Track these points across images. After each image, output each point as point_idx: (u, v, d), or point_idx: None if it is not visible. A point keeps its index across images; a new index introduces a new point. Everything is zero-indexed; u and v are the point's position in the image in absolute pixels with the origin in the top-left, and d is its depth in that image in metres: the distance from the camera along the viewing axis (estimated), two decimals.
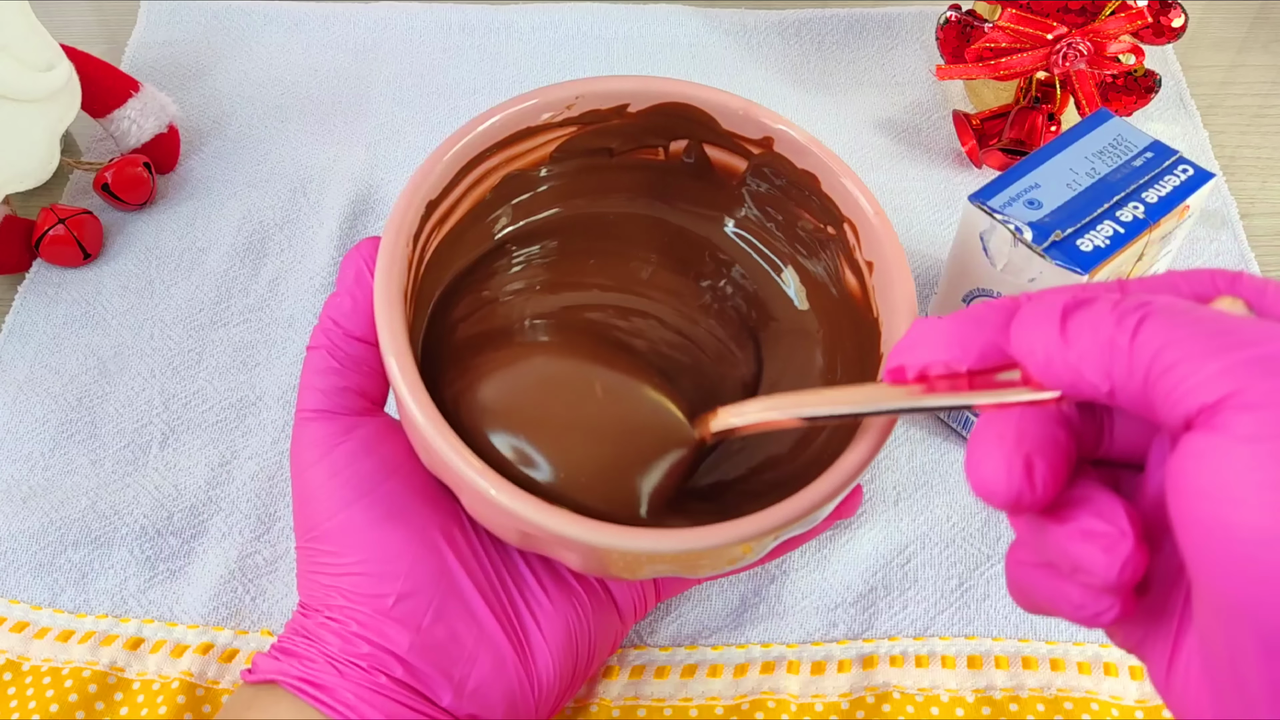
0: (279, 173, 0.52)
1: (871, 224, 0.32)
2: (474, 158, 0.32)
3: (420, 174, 0.31)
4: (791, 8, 0.60)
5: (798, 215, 0.35)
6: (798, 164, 0.33)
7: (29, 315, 0.46)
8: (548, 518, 0.26)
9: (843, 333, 0.34)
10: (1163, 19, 0.46)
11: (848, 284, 0.34)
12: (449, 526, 0.31)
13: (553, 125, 0.34)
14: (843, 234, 0.33)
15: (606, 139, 0.35)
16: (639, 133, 0.35)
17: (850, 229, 0.33)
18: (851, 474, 0.27)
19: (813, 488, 0.27)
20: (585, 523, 0.26)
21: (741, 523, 0.26)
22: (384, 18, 0.59)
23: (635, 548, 0.26)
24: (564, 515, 0.26)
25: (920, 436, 0.43)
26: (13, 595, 0.39)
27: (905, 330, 0.27)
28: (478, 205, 0.34)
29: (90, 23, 0.60)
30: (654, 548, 0.26)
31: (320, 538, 0.30)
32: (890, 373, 0.24)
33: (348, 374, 0.31)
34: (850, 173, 0.32)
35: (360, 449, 0.31)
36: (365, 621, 0.29)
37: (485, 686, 0.30)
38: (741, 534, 0.26)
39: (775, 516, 0.27)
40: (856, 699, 0.36)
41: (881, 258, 0.32)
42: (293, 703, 0.29)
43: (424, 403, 0.27)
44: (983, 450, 0.21)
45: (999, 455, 0.20)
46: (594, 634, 0.32)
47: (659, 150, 0.36)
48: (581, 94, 0.33)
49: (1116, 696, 0.36)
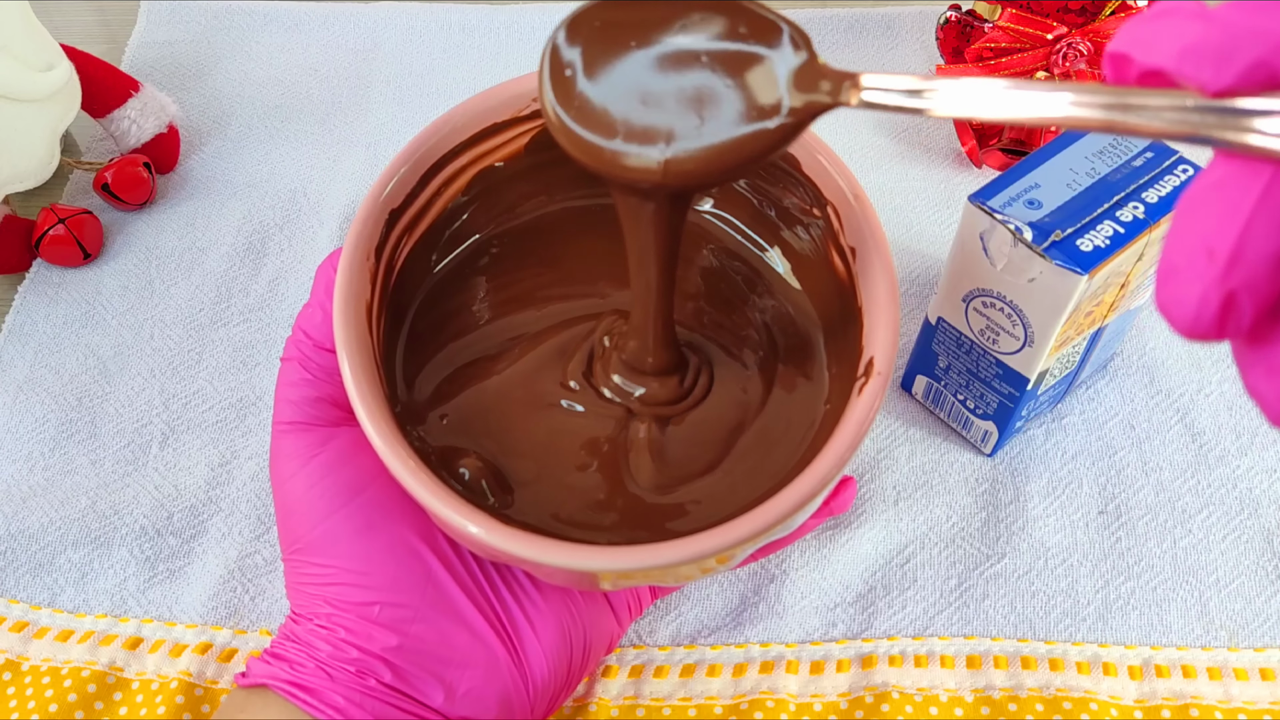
0: (279, 172, 0.52)
1: (852, 208, 0.31)
2: (438, 160, 0.32)
3: (379, 184, 0.30)
4: (791, 8, 0.60)
5: (780, 196, 0.34)
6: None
7: (29, 315, 0.46)
8: (498, 539, 0.25)
9: (834, 315, 0.34)
10: None
11: (835, 268, 0.33)
12: (432, 531, 0.31)
13: (520, 119, 0.33)
14: (826, 217, 0.33)
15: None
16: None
17: (833, 212, 0.32)
18: (826, 476, 0.26)
19: (787, 492, 0.26)
20: (540, 543, 0.25)
21: (716, 533, 0.25)
22: (384, 18, 0.59)
23: (598, 567, 0.26)
24: (513, 536, 0.25)
25: (920, 436, 0.43)
26: (12, 595, 0.39)
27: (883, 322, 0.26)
28: (450, 207, 0.34)
29: (90, 23, 0.60)
30: (616, 566, 0.25)
31: (304, 549, 0.30)
32: (1111, 60, 0.17)
33: (320, 385, 0.31)
34: (833, 155, 0.31)
35: (337, 460, 0.31)
36: (353, 628, 0.29)
37: (478, 689, 0.30)
38: (715, 546, 0.25)
39: (750, 524, 0.26)
40: (855, 699, 0.36)
41: (863, 243, 0.31)
42: (283, 706, 0.29)
43: (381, 427, 0.27)
44: (1178, 271, 0.16)
45: (1197, 286, 0.16)
46: (588, 633, 0.32)
47: None
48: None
49: (1115, 696, 0.36)
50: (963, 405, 0.41)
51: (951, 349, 0.39)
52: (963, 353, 0.39)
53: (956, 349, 0.39)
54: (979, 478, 0.41)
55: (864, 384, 0.28)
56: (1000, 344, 0.37)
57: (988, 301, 0.36)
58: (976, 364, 0.39)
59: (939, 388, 0.42)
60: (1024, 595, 0.39)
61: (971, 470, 0.42)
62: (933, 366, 0.41)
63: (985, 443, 0.41)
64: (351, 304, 0.28)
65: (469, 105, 0.32)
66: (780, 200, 0.34)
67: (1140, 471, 0.41)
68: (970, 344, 0.38)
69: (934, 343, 0.40)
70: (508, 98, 0.32)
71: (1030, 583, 0.39)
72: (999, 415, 0.40)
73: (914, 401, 0.44)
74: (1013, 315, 0.36)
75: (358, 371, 0.27)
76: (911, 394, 0.44)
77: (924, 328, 0.40)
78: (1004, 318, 0.36)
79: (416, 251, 0.33)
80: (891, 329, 0.29)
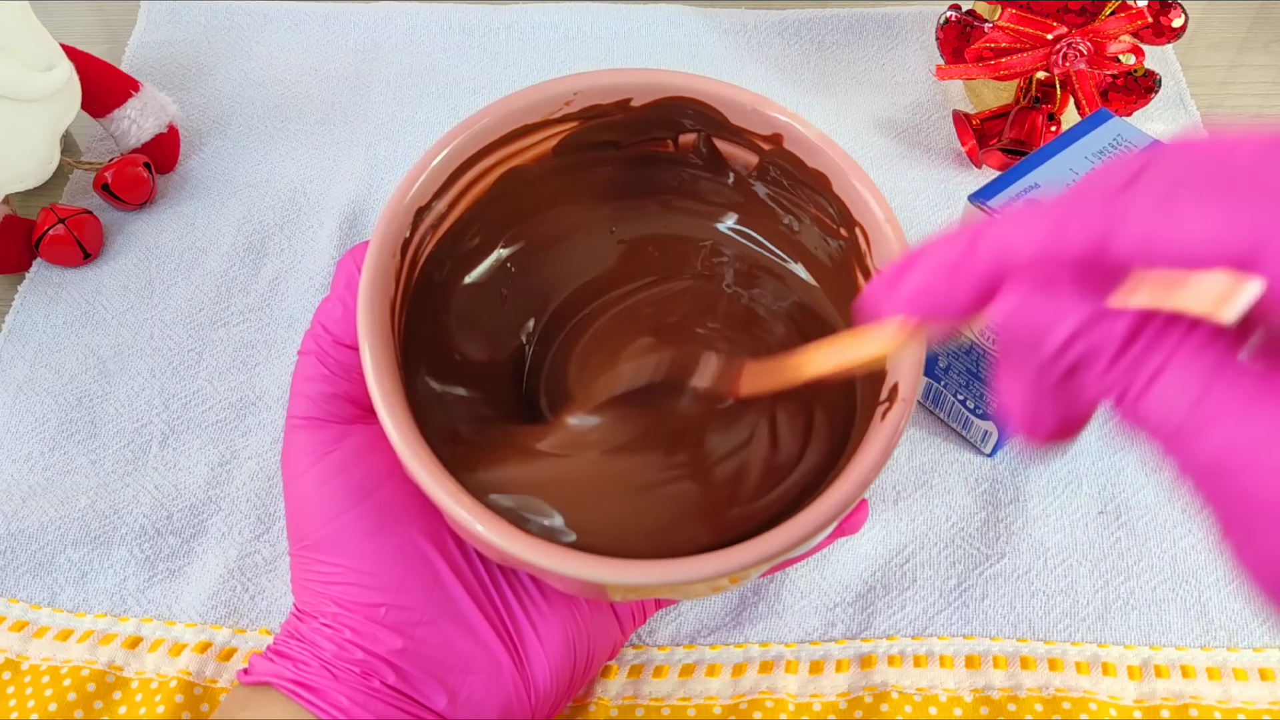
0: (279, 172, 0.52)
1: (883, 230, 0.30)
2: (467, 159, 0.31)
3: (407, 180, 0.30)
4: (791, 8, 0.60)
5: (807, 213, 0.34)
6: (808, 163, 0.32)
7: (29, 315, 0.46)
8: (519, 548, 0.25)
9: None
10: (1163, 19, 0.46)
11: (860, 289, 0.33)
12: (441, 535, 0.30)
13: (552, 121, 0.33)
14: (854, 238, 0.32)
15: (609, 133, 0.34)
16: (644, 126, 0.34)
17: (861, 234, 0.32)
18: (847, 500, 0.26)
19: (806, 514, 0.26)
20: (559, 553, 0.25)
21: (732, 553, 0.25)
22: (384, 18, 0.59)
23: (609, 580, 0.26)
24: (535, 545, 0.25)
25: (920, 436, 0.43)
26: (12, 594, 0.39)
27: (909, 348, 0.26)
28: (475, 206, 0.33)
29: (90, 23, 0.60)
30: (632, 580, 0.25)
31: (312, 546, 0.30)
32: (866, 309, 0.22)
33: (337, 381, 0.31)
34: (862, 174, 0.31)
35: (350, 458, 0.30)
36: (358, 628, 0.29)
37: (481, 694, 0.30)
38: (730, 566, 0.25)
39: (766, 546, 0.26)
40: (854, 698, 0.36)
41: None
42: (286, 705, 0.29)
43: (403, 427, 0.27)
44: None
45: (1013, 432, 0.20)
46: (592, 641, 0.32)
47: (667, 143, 0.34)
48: (580, 89, 0.32)
49: (1114, 696, 0.36)
50: (962, 405, 0.41)
51: (951, 349, 0.39)
52: (962, 353, 0.39)
53: (956, 349, 0.39)
54: (979, 478, 0.41)
55: (888, 409, 0.28)
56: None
57: None
58: (976, 364, 0.39)
59: (939, 388, 0.42)
60: (1023, 595, 0.39)
61: (971, 470, 0.42)
62: (932, 366, 0.41)
63: (985, 443, 0.41)
64: (376, 299, 0.28)
65: (500, 105, 0.31)
66: (804, 218, 0.34)
67: (1140, 471, 0.41)
68: (970, 344, 0.38)
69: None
70: (539, 99, 0.32)
71: (1030, 583, 0.39)
72: (998, 415, 0.40)
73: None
74: None
75: (380, 367, 0.27)
76: None
77: None
78: None
79: (439, 250, 0.32)
80: (917, 356, 0.28)
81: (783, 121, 0.32)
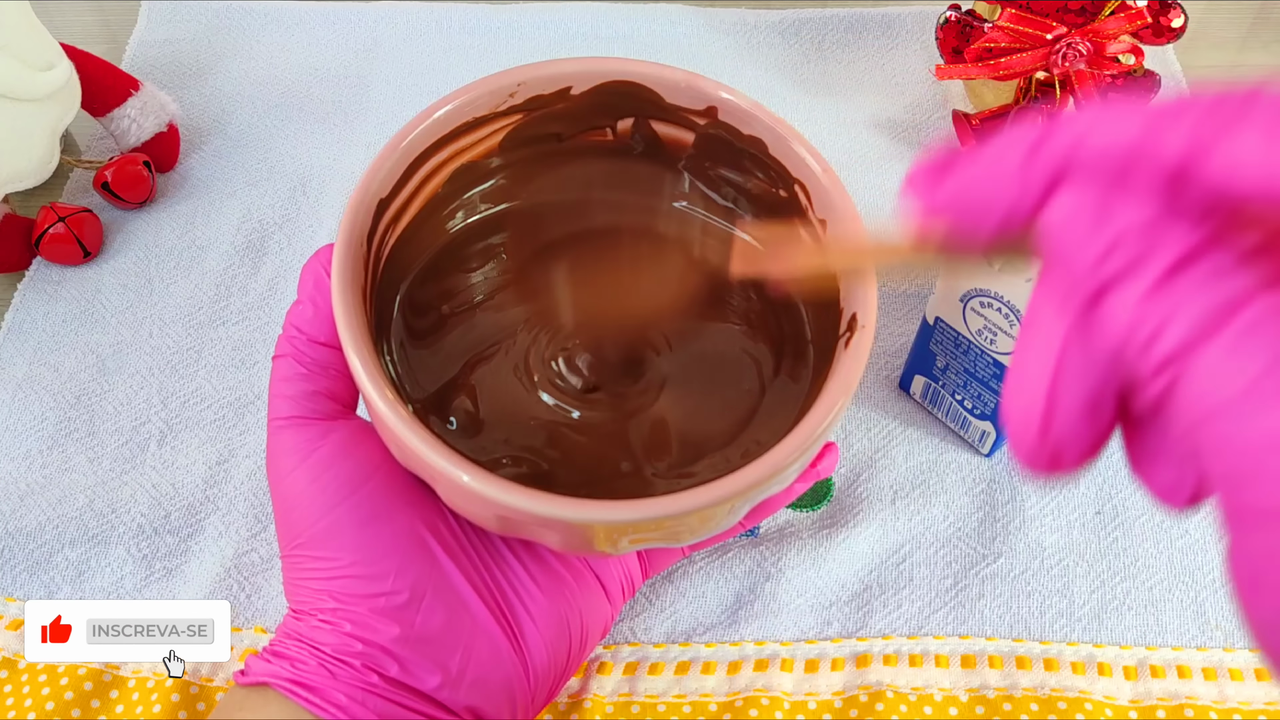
0: (279, 172, 0.52)
1: (820, 182, 0.31)
2: (421, 153, 0.32)
3: (369, 174, 0.31)
4: (791, 8, 0.60)
5: (747, 181, 0.35)
6: (744, 130, 0.33)
7: (29, 313, 0.47)
8: (522, 499, 0.26)
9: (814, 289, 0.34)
10: (1162, 19, 0.46)
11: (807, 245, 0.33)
12: (433, 521, 0.31)
13: (498, 114, 0.33)
14: (794, 195, 0.33)
15: (552, 124, 0.35)
16: (585, 114, 0.35)
17: (801, 190, 0.32)
18: (818, 425, 0.27)
19: (783, 444, 0.27)
20: (561, 501, 0.26)
21: (715, 486, 0.26)
22: (385, 17, 0.59)
23: (613, 519, 0.26)
24: (538, 496, 0.26)
25: (917, 436, 0.43)
26: (9, 593, 0.39)
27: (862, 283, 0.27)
28: (431, 200, 0.34)
29: (90, 22, 0.60)
30: (631, 517, 0.26)
31: (307, 543, 0.30)
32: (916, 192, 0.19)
33: (315, 379, 0.31)
34: (797, 135, 0.32)
35: (337, 452, 0.31)
36: (359, 620, 0.29)
37: (484, 676, 0.30)
38: (715, 496, 0.26)
39: (749, 476, 0.26)
40: (850, 697, 0.36)
41: (834, 214, 0.31)
42: (284, 704, 0.29)
43: (389, 399, 0.27)
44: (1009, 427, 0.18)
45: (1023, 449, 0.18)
46: (584, 618, 0.33)
47: (606, 131, 0.35)
48: (523, 80, 0.33)
49: (1110, 696, 0.36)
50: (960, 405, 0.41)
51: (949, 349, 0.39)
52: (960, 353, 0.39)
53: (954, 349, 0.39)
54: (976, 478, 0.41)
55: (849, 338, 0.29)
56: (998, 344, 0.37)
57: (985, 301, 0.36)
58: (974, 364, 0.39)
59: (936, 388, 0.42)
60: (1020, 595, 0.39)
61: (969, 470, 0.42)
62: (930, 366, 0.41)
63: (983, 443, 0.41)
64: (349, 287, 0.29)
65: (449, 98, 0.32)
66: (746, 184, 0.35)
67: None
68: (968, 344, 0.38)
69: (931, 343, 0.40)
70: (485, 92, 0.33)
71: (1026, 583, 0.39)
72: (996, 415, 0.40)
73: (911, 401, 0.44)
74: (1010, 315, 0.36)
75: (359, 342, 0.28)
76: (909, 394, 0.44)
77: (922, 328, 0.40)
78: (1001, 318, 0.36)
79: (399, 243, 0.33)
80: (869, 282, 0.29)
81: (716, 95, 0.33)
